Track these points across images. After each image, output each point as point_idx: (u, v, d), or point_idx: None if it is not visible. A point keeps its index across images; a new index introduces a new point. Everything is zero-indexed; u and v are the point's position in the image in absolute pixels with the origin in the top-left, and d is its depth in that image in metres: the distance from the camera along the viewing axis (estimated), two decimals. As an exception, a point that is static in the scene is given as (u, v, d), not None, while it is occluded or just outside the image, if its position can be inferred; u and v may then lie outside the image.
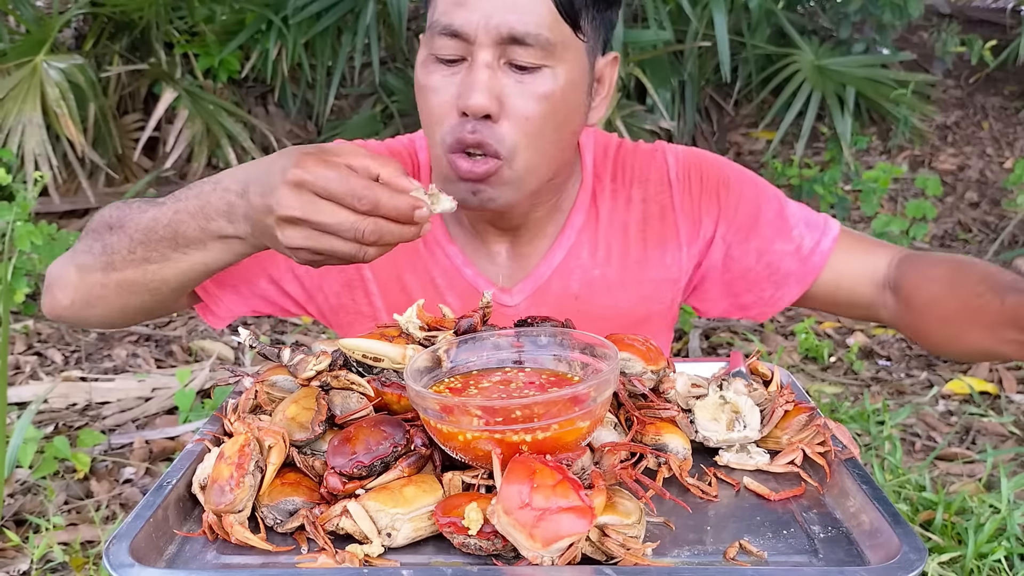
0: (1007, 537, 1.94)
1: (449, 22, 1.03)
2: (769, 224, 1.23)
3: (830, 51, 4.44)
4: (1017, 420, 2.64)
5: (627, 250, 1.24)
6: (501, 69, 1.04)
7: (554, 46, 1.03)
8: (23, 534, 2.06)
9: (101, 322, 1.16)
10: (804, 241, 1.22)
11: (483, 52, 1.02)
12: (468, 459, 0.79)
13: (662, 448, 0.88)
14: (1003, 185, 4.34)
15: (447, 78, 1.06)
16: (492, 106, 1.02)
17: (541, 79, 1.04)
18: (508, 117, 1.04)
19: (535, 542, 0.68)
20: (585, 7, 1.06)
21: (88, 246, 1.08)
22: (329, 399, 0.87)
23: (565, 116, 1.08)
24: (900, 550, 0.72)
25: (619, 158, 1.28)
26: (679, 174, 1.25)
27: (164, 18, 4.05)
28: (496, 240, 1.23)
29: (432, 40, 1.06)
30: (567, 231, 1.23)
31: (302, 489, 0.80)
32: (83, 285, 1.09)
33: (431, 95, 1.07)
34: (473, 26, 1.02)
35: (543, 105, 1.05)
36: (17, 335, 3.03)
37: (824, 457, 0.88)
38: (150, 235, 1.00)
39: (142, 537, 0.74)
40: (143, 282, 1.04)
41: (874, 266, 1.20)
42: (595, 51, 1.12)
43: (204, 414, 2.49)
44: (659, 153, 1.27)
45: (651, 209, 1.25)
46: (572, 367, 0.89)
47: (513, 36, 1.02)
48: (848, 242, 1.23)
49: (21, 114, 3.50)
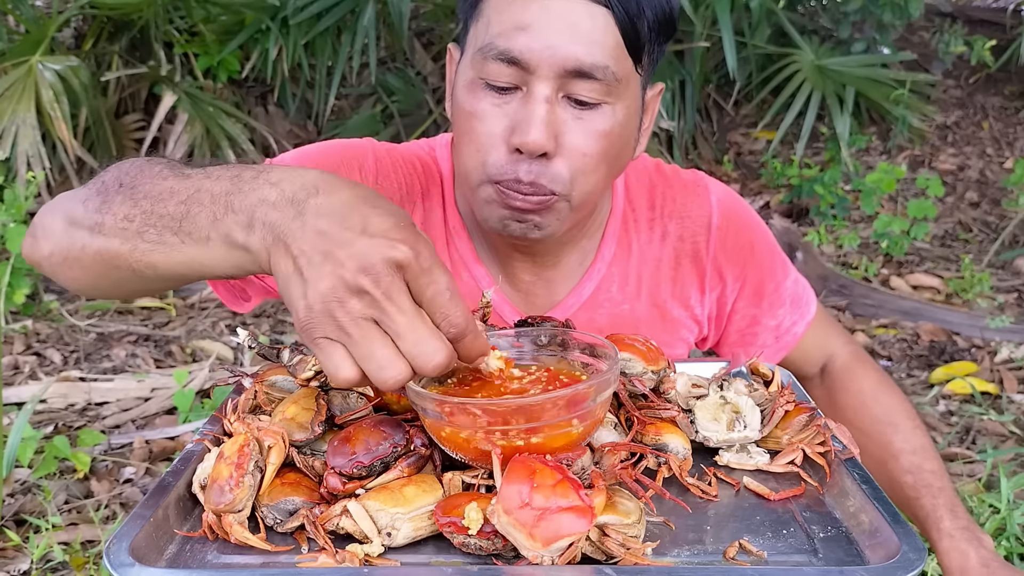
0: (1007, 537, 1.94)
1: (508, 47, 0.94)
2: (767, 297, 1.26)
3: (830, 51, 4.44)
4: (1017, 420, 2.63)
5: (658, 287, 1.21)
6: (559, 103, 0.96)
7: (619, 82, 0.96)
8: (23, 534, 2.06)
9: (75, 286, 0.96)
10: (784, 320, 1.28)
11: (542, 84, 0.94)
12: (468, 459, 0.79)
13: (662, 448, 0.87)
14: (1003, 185, 4.34)
15: (498, 107, 0.97)
16: (549, 144, 0.95)
17: (601, 116, 0.97)
18: (563, 154, 0.97)
19: (535, 542, 0.68)
20: (649, 40, 0.98)
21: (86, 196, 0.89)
22: (329, 399, 0.87)
23: (619, 152, 1.03)
24: (900, 550, 0.72)
25: (659, 186, 1.23)
26: (720, 223, 1.21)
27: (163, 18, 4.05)
28: (520, 265, 1.17)
29: (484, 64, 0.96)
30: (598, 263, 1.19)
31: (302, 489, 0.80)
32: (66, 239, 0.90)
33: (477, 123, 0.98)
34: (536, 55, 0.93)
35: (601, 143, 0.98)
36: (16, 335, 3.03)
37: (824, 457, 0.88)
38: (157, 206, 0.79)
39: (142, 537, 0.74)
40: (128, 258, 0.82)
41: (827, 352, 1.32)
42: (647, 83, 1.06)
43: (204, 414, 2.49)
44: (702, 190, 1.23)
45: (686, 248, 1.22)
46: (572, 367, 0.89)
47: (580, 70, 0.93)
48: (816, 324, 1.30)
49: (15, 115, 3.50)
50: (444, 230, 1.19)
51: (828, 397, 1.30)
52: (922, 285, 3.65)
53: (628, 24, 0.95)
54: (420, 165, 1.19)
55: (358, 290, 0.65)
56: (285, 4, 3.96)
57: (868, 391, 1.25)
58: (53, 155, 3.73)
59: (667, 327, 1.24)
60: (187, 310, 3.37)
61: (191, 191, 0.77)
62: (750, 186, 4.51)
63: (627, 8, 0.95)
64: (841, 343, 1.33)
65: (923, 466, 1.13)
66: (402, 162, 1.18)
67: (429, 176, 1.19)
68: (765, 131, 4.69)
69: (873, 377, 1.28)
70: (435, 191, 1.19)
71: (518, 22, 0.94)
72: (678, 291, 1.23)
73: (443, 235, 1.19)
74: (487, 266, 1.17)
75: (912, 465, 1.13)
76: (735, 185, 4.48)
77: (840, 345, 1.33)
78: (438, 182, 1.19)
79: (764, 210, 4.31)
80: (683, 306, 1.24)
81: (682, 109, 4.34)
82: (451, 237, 1.18)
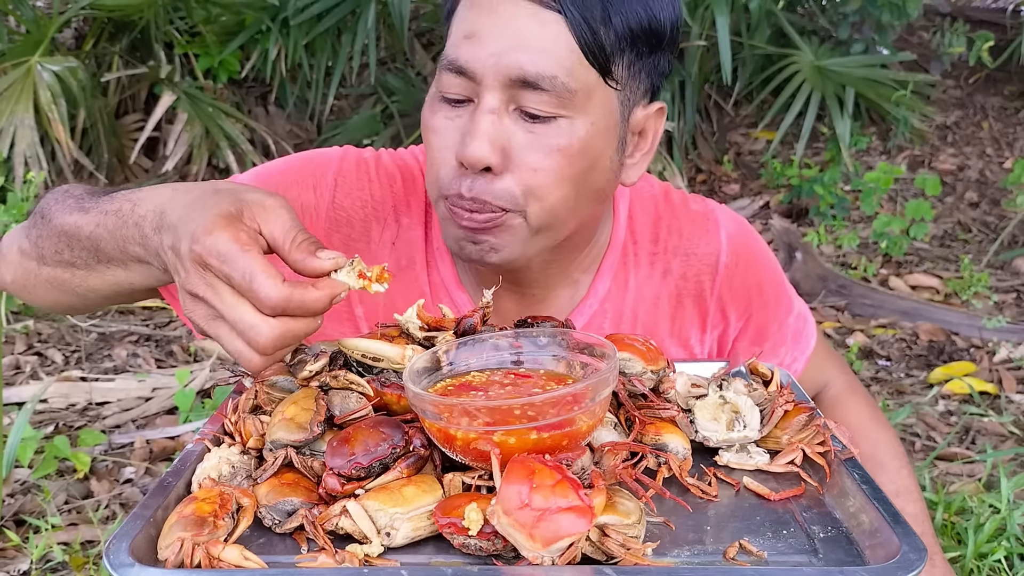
0: (1007, 537, 1.94)
1: (455, 57, 0.90)
2: (770, 338, 1.24)
3: (829, 51, 4.44)
4: (1017, 420, 2.63)
5: (655, 325, 1.15)
6: (509, 115, 0.90)
7: (573, 93, 0.89)
8: (23, 534, 2.06)
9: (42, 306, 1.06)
10: (785, 359, 1.26)
11: (489, 95, 0.89)
12: (468, 460, 0.79)
13: (662, 448, 0.87)
14: (1003, 185, 4.35)
15: (451, 120, 0.93)
16: (493, 158, 0.89)
17: (555, 130, 0.90)
18: (513, 170, 0.91)
19: (535, 542, 0.68)
20: (619, 51, 0.91)
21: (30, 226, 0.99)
22: (328, 399, 0.87)
23: (583, 172, 0.93)
24: (900, 550, 0.72)
25: (664, 218, 1.15)
26: (729, 262, 1.15)
27: (164, 19, 4.05)
28: (506, 295, 1.09)
29: (440, 76, 0.93)
30: (589, 299, 1.12)
31: (300, 489, 0.80)
32: (20, 268, 1.00)
33: (433, 137, 0.95)
34: (480, 64, 0.88)
35: (555, 159, 0.91)
36: (17, 335, 3.03)
37: (824, 457, 0.88)
38: (73, 241, 0.90)
39: (142, 537, 0.74)
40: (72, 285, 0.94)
41: (823, 382, 1.32)
42: (632, 100, 0.96)
43: (204, 414, 2.49)
44: (712, 224, 1.16)
45: (689, 287, 1.15)
46: (572, 367, 0.89)
47: (524, 79, 0.87)
48: (815, 356, 1.29)
49: (13, 115, 3.50)
50: (425, 251, 1.11)
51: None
52: (921, 285, 3.66)
53: (587, 32, 0.88)
54: (401, 179, 1.12)
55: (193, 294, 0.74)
56: (285, 5, 3.97)
57: (857, 426, 1.23)
58: (52, 156, 3.73)
59: None
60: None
61: (92, 227, 0.88)
62: (750, 186, 4.51)
63: (585, 15, 0.88)
64: (837, 372, 1.32)
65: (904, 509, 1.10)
66: (377, 178, 1.11)
67: (410, 191, 1.11)
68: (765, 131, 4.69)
69: (864, 412, 1.26)
70: (416, 207, 1.12)
71: (467, 31, 0.91)
72: (676, 330, 1.17)
73: (423, 256, 1.11)
74: (470, 293, 1.11)
75: None
76: (735, 185, 4.48)
77: (835, 375, 1.32)
78: (421, 197, 1.11)
79: (764, 210, 4.31)
80: (681, 346, 1.18)
81: (682, 109, 4.34)
82: (433, 260, 1.11)
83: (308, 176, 1.10)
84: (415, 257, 1.11)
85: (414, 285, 1.11)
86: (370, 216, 1.10)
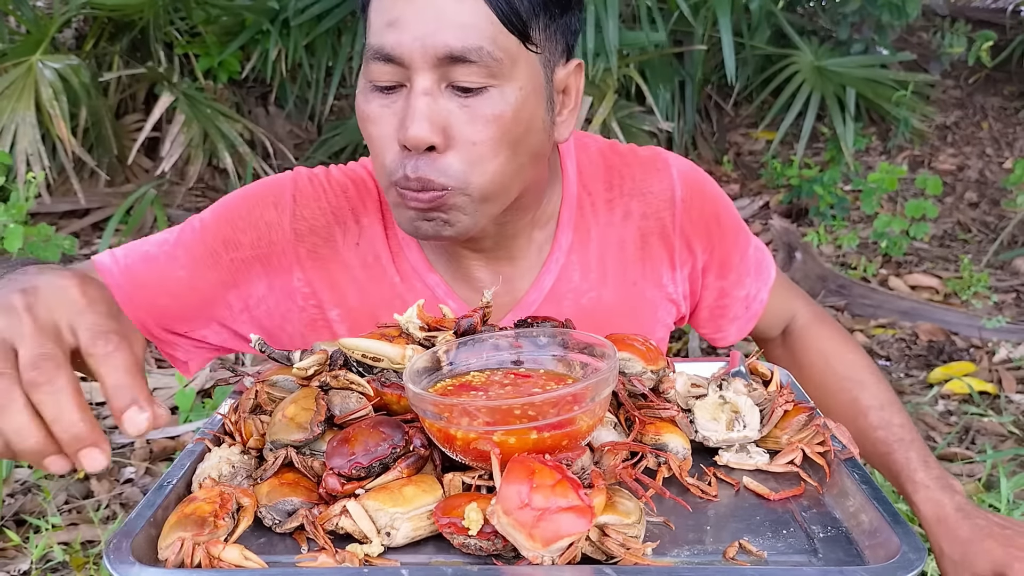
0: (1007, 537, 1.94)
1: (380, 44, 0.93)
2: (734, 269, 1.25)
3: (829, 52, 4.44)
4: (1017, 420, 2.64)
5: (624, 270, 1.18)
6: (443, 94, 0.94)
7: (499, 62, 0.93)
8: (23, 534, 2.06)
9: None
10: (751, 290, 1.28)
11: (421, 77, 0.92)
12: (468, 460, 0.79)
13: (662, 448, 0.88)
14: (1003, 185, 4.35)
15: (386, 107, 0.96)
16: (434, 137, 0.93)
17: (488, 100, 0.94)
18: (454, 146, 0.94)
19: (535, 542, 0.69)
20: (534, 15, 0.95)
21: None
22: (328, 399, 0.87)
23: (520, 136, 0.98)
24: (900, 550, 0.72)
25: (614, 165, 1.20)
26: (684, 196, 1.19)
27: (164, 19, 4.05)
28: (475, 264, 1.14)
29: (368, 67, 0.96)
30: (555, 253, 1.15)
31: (300, 489, 0.80)
32: None
33: (371, 126, 0.97)
34: (407, 48, 0.92)
35: (492, 128, 0.95)
36: (17, 335, 3.02)
37: (824, 457, 0.88)
38: None
39: (143, 537, 0.74)
40: None
41: (790, 314, 1.33)
42: (552, 61, 1.01)
43: (204, 414, 2.50)
44: (661, 163, 1.20)
45: (651, 226, 1.18)
46: (572, 367, 0.89)
47: (452, 55, 0.91)
48: (777, 287, 1.30)
49: (15, 113, 3.49)
50: (387, 245, 1.15)
51: (791, 357, 1.30)
52: (921, 285, 3.66)
53: (502, 2, 0.93)
54: (353, 186, 1.16)
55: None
56: (286, 6, 3.97)
57: (831, 350, 1.25)
58: (53, 154, 3.73)
59: (642, 310, 1.21)
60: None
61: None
62: (750, 186, 4.51)
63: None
64: (802, 303, 1.33)
65: (892, 421, 1.11)
66: (330, 188, 1.16)
67: (364, 194, 1.16)
68: (765, 131, 4.70)
69: (836, 336, 1.27)
70: (372, 207, 1.16)
71: (388, 19, 0.94)
72: (649, 271, 1.19)
73: (387, 249, 1.15)
74: (440, 273, 1.14)
75: (882, 421, 1.12)
76: (735, 185, 4.48)
77: (801, 305, 1.33)
78: (375, 197, 1.16)
79: (764, 210, 4.32)
80: (656, 286, 1.20)
81: (682, 110, 4.34)
82: (399, 249, 1.15)
83: (267, 196, 1.15)
84: (379, 252, 1.15)
85: (384, 278, 1.14)
86: (332, 222, 1.15)
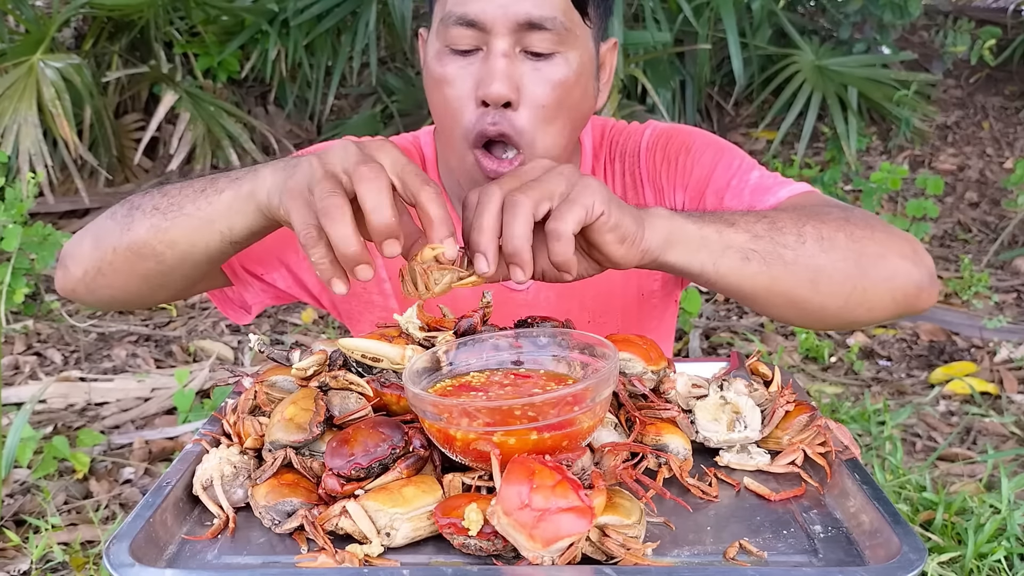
0: (1007, 537, 1.94)
1: (464, 12, 1.05)
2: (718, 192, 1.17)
3: (831, 51, 4.44)
4: (1018, 420, 2.63)
5: None
6: (517, 57, 1.06)
7: (568, 31, 1.06)
8: (23, 534, 2.06)
9: (111, 295, 1.11)
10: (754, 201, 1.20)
11: (500, 40, 1.04)
12: (468, 460, 0.79)
13: (662, 448, 0.87)
14: (1003, 185, 4.34)
15: (463, 68, 1.07)
16: (512, 94, 1.04)
17: (556, 65, 1.06)
18: (525, 104, 1.06)
19: (535, 542, 0.68)
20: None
21: (113, 212, 1.07)
22: (328, 399, 0.87)
23: (577, 101, 1.11)
24: (900, 550, 0.72)
25: (607, 134, 1.30)
26: (649, 144, 1.26)
27: (164, 19, 4.05)
28: None
29: (447, 31, 1.07)
30: None
31: (300, 490, 0.80)
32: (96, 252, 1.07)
33: (447, 87, 1.08)
34: (490, 15, 1.03)
35: (558, 91, 1.07)
36: (16, 335, 3.03)
37: (825, 457, 0.88)
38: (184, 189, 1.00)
39: (142, 537, 0.74)
40: (152, 242, 1.00)
41: None
42: (599, 37, 1.15)
43: (203, 414, 2.49)
44: (644, 127, 1.28)
45: (627, 181, 1.27)
46: (572, 367, 0.89)
47: (530, 21, 1.04)
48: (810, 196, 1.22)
49: (16, 113, 3.49)
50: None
51: None
52: (922, 285, 3.65)
53: None
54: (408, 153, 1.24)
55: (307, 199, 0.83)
56: (285, 7, 3.97)
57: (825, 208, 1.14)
58: (54, 153, 3.72)
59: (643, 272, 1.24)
60: (188, 310, 3.37)
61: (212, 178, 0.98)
62: (750, 186, 4.50)
63: None
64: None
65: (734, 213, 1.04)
66: None
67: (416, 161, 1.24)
68: (766, 131, 4.69)
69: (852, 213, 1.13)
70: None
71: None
72: None
73: None
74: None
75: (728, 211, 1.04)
76: (735, 185, 4.47)
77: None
78: (422, 165, 1.25)
79: (764, 210, 4.31)
80: None
81: (683, 109, 4.34)
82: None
83: None
84: None
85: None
86: None
